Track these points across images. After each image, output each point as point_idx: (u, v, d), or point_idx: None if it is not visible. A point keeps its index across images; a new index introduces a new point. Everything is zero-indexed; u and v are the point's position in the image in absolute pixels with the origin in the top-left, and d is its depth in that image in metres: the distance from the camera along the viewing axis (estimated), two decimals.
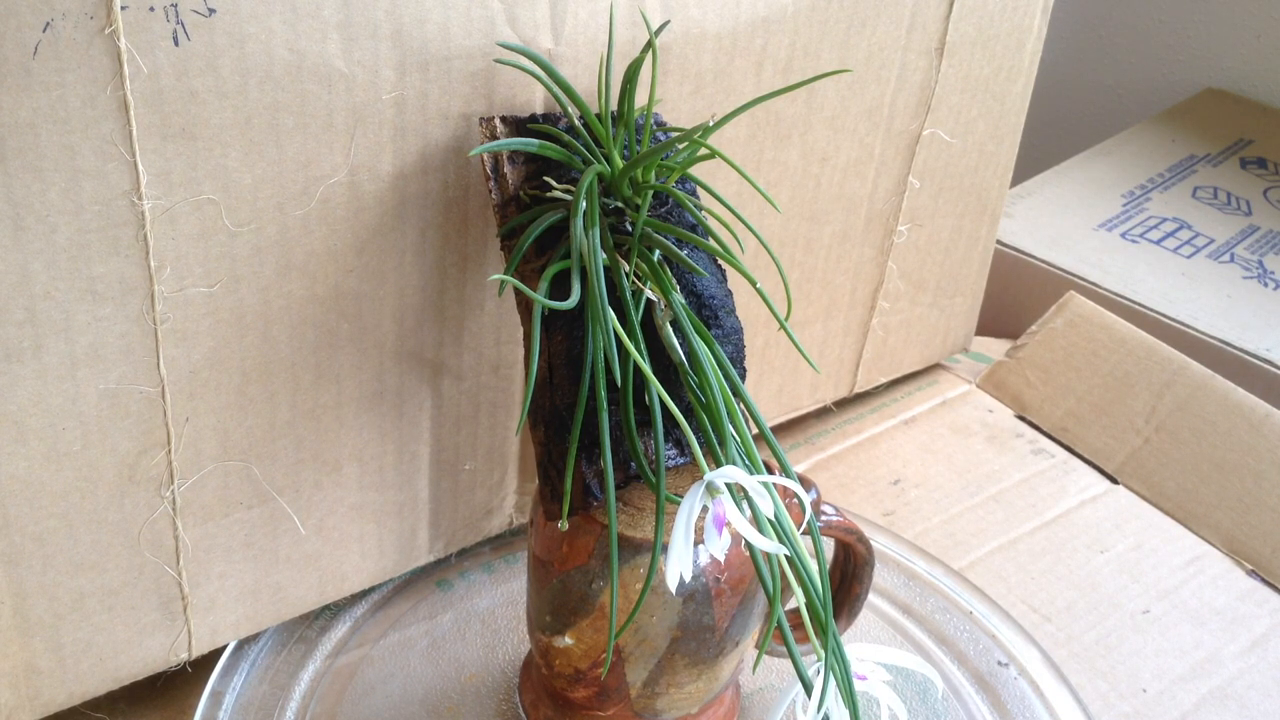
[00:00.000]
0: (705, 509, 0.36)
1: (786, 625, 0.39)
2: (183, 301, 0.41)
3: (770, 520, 0.38)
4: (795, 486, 0.39)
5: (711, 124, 0.43)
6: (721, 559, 0.41)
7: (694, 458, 0.41)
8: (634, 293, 0.41)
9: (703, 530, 0.36)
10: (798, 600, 0.40)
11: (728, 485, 0.37)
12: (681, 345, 0.41)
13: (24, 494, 0.41)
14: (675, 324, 0.41)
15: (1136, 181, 0.91)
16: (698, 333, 0.41)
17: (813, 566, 0.39)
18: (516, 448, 0.54)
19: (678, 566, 0.36)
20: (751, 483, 0.37)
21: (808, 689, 0.39)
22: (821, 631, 0.39)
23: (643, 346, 0.40)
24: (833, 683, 0.39)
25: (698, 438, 0.40)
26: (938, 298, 0.70)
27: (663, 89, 0.48)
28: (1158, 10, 1.08)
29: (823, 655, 0.39)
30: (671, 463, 0.42)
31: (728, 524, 0.36)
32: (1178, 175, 0.92)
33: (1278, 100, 1.03)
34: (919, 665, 0.41)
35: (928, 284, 0.69)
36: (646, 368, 0.39)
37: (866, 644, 0.41)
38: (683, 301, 0.41)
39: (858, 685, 0.40)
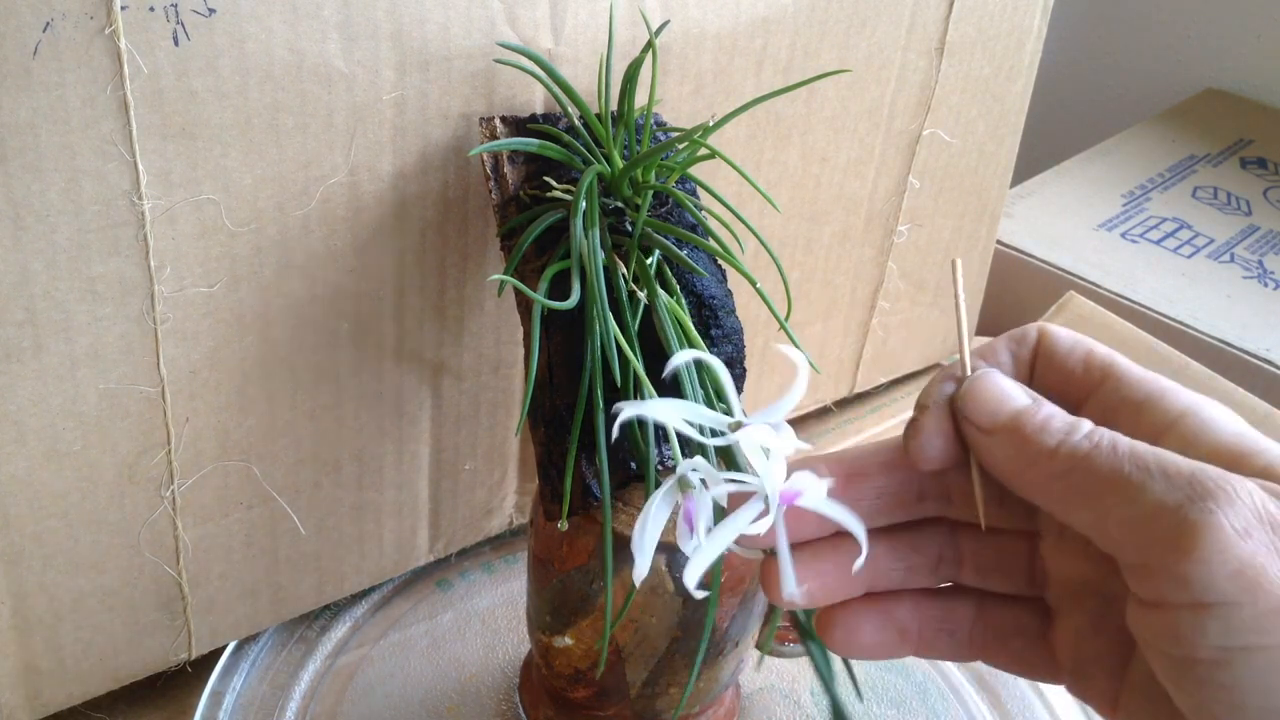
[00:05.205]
0: (678, 505, 0.35)
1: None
2: (183, 301, 0.41)
3: None
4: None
5: (711, 124, 0.43)
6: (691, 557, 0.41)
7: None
8: (629, 294, 0.41)
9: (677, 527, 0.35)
10: None
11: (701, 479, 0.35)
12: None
13: (24, 494, 0.41)
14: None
15: (1136, 181, 0.91)
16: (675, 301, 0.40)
17: None
18: (516, 448, 0.54)
19: (642, 564, 0.34)
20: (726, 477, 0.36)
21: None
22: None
23: (637, 347, 0.40)
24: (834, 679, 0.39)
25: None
26: (938, 298, 0.70)
27: (663, 89, 0.48)
28: (1158, 10, 1.08)
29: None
30: (671, 462, 0.42)
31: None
32: (1178, 175, 0.92)
33: (1278, 100, 1.03)
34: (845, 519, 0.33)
35: (928, 284, 0.69)
36: (639, 367, 0.39)
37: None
38: (677, 301, 0.41)
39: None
